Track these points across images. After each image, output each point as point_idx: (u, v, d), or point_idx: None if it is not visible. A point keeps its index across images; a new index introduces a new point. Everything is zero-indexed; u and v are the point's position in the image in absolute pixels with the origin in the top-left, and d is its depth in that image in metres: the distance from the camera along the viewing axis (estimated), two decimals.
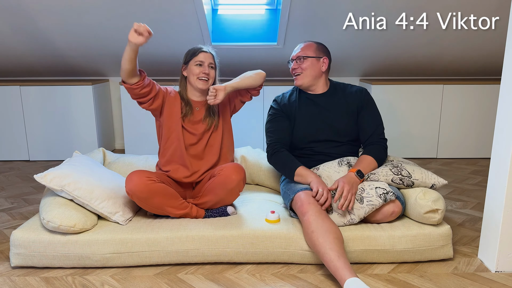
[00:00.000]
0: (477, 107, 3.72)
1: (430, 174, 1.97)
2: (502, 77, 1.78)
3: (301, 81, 2.11)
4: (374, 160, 2.00)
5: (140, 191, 1.86)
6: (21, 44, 3.50)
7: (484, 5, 3.06)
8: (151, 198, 1.88)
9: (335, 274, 1.63)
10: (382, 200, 1.84)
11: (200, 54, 2.05)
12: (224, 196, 1.97)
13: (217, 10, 3.54)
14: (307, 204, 1.82)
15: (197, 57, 2.05)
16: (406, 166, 1.99)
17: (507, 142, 1.74)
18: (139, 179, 1.86)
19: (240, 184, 1.94)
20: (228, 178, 1.92)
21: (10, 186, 3.08)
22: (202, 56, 2.05)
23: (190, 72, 2.07)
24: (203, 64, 2.05)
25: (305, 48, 2.11)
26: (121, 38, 3.44)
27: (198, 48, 2.08)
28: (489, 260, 1.86)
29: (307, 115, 2.12)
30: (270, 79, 4.06)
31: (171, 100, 2.09)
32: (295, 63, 2.11)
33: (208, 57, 2.07)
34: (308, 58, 2.09)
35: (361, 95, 2.15)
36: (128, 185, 1.87)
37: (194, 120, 2.11)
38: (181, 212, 1.96)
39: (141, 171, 1.91)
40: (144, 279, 1.77)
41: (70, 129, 3.76)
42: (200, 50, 2.06)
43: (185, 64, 2.09)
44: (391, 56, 3.70)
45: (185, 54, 2.11)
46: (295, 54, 2.13)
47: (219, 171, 1.97)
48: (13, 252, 1.83)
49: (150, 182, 1.87)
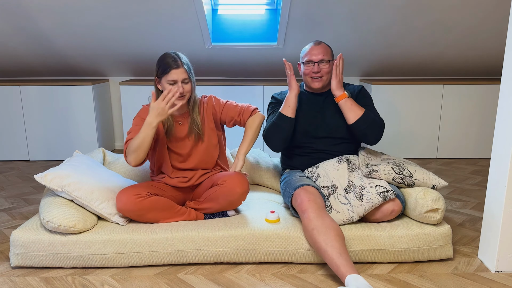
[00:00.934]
0: (477, 107, 3.72)
1: (432, 175, 1.97)
2: (502, 77, 1.78)
3: (322, 83, 2.11)
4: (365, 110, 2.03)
5: (130, 210, 1.86)
6: (21, 44, 3.50)
7: (484, 5, 3.06)
8: (143, 214, 1.88)
9: (337, 271, 1.62)
10: (382, 198, 1.84)
11: (172, 72, 1.85)
12: (226, 206, 1.96)
13: (217, 10, 3.54)
14: (307, 201, 1.82)
15: (169, 75, 1.86)
16: (408, 166, 1.99)
17: (507, 142, 1.74)
18: (128, 198, 1.85)
19: (243, 195, 1.94)
20: (232, 191, 1.90)
21: (10, 186, 3.08)
22: (174, 75, 1.86)
23: (164, 89, 1.90)
24: (177, 83, 1.88)
25: (325, 52, 2.09)
26: (121, 38, 3.45)
27: (169, 64, 1.86)
28: (489, 260, 1.86)
29: (307, 113, 2.13)
30: (270, 79, 4.06)
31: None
32: (317, 66, 2.09)
33: (181, 73, 1.87)
34: (330, 62, 2.10)
35: (358, 92, 2.18)
36: (118, 205, 1.87)
37: (179, 137, 2.01)
38: (179, 219, 1.95)
39: (129, 189, 1.88)
40: (144, 279, 1.77)
41: (70, 129, 3.76)
42: (171, 68, 1.86)
43: (158, 77, 1.92)
44: (391, 56, 3.70)
45: (157, 66, 1.92)
46: (317, 57, 2.08)
47: (222, 181, 1.92)
48: (13, 252, 1.83)
49: (139, 200, 1.85)
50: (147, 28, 3.32)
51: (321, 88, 2.14)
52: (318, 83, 2.11)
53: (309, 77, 2.12)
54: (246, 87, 3.73)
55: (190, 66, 1.93)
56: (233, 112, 2.06)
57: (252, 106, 2.10)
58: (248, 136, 2.05)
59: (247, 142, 2.05)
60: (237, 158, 2.04)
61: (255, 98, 3.75)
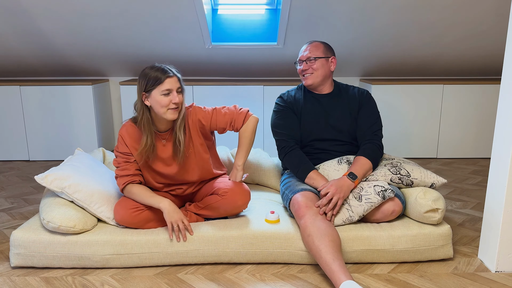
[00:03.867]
0: (477, 107, 3.72)
1: (430, 173, 1.97)
2: (502, 77, 1.78)
3: (312, 80, 2.10)
4: (367, 160, 1.99)
5: (128, 223, 1.86)
6: (21, 44, 3.50)
7: (484, 5, 3.06)
8: (142, 225, 1.88)
9: (331, 277, 1.63)
10: (380, 197, 1.84)
11: (166, 82, 1.73)
12: (227, 215, 1.96)
13: (217, 10, 3.54)
14: (304, 207, 1.82)
15: (163, 85, 1.73)
16: (405, 166, 1.99)
17: (507, 142, 1.74)
18: (125, 212, 1.85)
19: (244, 206, 1.94)
20: (234, 203, 1.90)
21: (10, 186, 3.08)
22: (168, 84, 1.73)
23: (155, 102, 1.75)
24: (171, 92, 1.75)
25: (313, 49, 2.10)
26: (121, 38, 3.45)
27: (161, 73, 1.74)
28: (489, 260, 1.86)
29: (312, 113, 2.13)
30: (270, 79, 4.06)
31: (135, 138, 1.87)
32: (305, 64, 2.10)
33: (175, 81, 1.76)
34: (318, 58, 2.08)
35: (362, 96, 2.17)
36: (116, 218, 1.88)
37: (163, 157, 1.89)
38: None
39: (126, 201, 1.87)
40: (144, 279, 1.77)
41: (70, 129, 3.76)
42: (166, 76, 1.74)
43: (146, 92, 1.76)
44: (391, 56, 3.70)
45: (143, 80, 1.75)
46: (304, 55, 2.11)
47: (223, 192, 1.89)
48: (13, 252, 1.83)
49: (136, 213, 1.85)
50: (147, 28, 3.32)
51: (314, 86, 2.14)
52: (307, 80, 2.11)
53: (300, 76, 2.15)
54: (246, 87, 3.73)
55: (180, 75, 1.82)
56: (223, 123, 1.90)
57: (243, 110, 1.92)
58: (244, 146, 1.91)
59: (243, 152, 1.92)
60: (235, 169, 1.93)
61: (255, 98, 3.75)
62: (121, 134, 1.89)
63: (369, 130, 2.09)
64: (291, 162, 2.06)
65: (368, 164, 1.98)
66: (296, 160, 2.04)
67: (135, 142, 1.88)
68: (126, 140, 1.88)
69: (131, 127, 1.89)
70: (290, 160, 2.06)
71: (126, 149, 1.88)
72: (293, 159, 2.05)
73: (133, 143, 1.88)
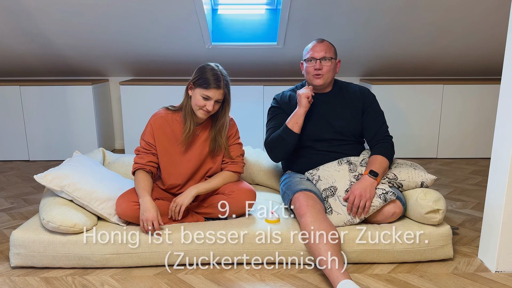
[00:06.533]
0: (477, 107, 3.72)
1: (418, 172, 1.96)
2: (502, 77, 1.78)
3: (324, 80, 2.09)
4: (384, 158, 1.98)
5: (129, 217, 1.87)
6: (21, 44, 3.50)
7: (484, 5, 3.06)
8: None
9: (329, 276, 1.64)
10: (382, 200, 1.84)
11: (211, 89, 1.85)
12: (231, 214, 1.96)
13: (217, 10, 3.54)
14: (305, 206, 1.82)
15: (207, 91, 1.85)
16: (393, 169, 2.00)
17: (507, 142, 1.74)
18: (127, 205, 1.86)
19: (250, 206, 1.95)
20: (240, 203, 1.91)
21: (10, 186, 3.08)
22: (211, 92, 1.85)
23: (194, 97, 1.89)
24: (210, 100, 1.87)
25: (328, 49, 2.08)
26: (121, 38, 3.45)
27: (213, 80, 1.86)
28: (489, 260, 1.86)
29: (311, 114, 2.12)
30: (270, 79, 4.06)
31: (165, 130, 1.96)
32: (319, 63, 2.07)
33: (219, 94, 1.87)
34: (332, 59, 2.09)
35: (364, 95, 2.16)
36: (118, 211, 1.89)
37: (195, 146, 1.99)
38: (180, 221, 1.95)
39: (129, 195, 1.89)
40: (144, 279, 1.77)
41: (70, 129, 3.76)
42: (214, 86, 1.85)
43: (193, 84, 1.90)
44: (391, 56, 3.70)
45: (197, 74, 1.90)
46: (319, 54, 2.07)
47: (230, 192, 1.93)
48: (13, 252, 1.83)
49: (137, 207, 1.85)
50: (147, 28, 3.32)
51: (323, 86, 2.13)
52: (320, 80, 2.09)
53: (311, 75, 2.10)
54: (246, 87, 3.73)
55: (229, 88, 1.93)
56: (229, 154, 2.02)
57: (240, 163, 2.04)
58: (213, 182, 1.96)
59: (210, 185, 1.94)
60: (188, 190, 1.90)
61: (255, 98, 3.75)
62: (152, 123, 1.98)
63: (380, 131, 2.09)
64: (273, 136, 2.07)
65: (386, 162, 1.98)
66: (276, 132, 2.08)
67: (163, 134, 1.96)
68: (155, 131, 1.96)
69: (162, 118, 1.98)
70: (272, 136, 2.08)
71: (151, 139, 1.96)
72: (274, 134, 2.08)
73: (161, 135, 1.96)
